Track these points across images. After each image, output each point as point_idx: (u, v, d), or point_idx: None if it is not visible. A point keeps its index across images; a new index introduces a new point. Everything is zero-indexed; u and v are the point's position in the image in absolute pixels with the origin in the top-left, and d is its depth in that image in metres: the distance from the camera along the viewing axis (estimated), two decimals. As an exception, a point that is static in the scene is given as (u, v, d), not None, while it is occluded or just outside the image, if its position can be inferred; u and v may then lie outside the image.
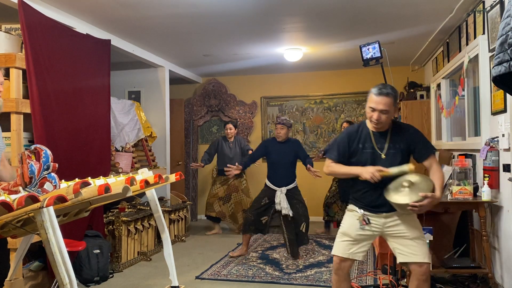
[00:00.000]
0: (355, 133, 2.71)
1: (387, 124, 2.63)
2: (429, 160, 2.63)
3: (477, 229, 3.79)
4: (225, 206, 6.13)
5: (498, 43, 1.68)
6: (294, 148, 4.78)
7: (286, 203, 4.61)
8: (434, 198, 2.45)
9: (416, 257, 2.55)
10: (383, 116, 2.56)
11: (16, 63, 3.31)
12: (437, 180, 2.54)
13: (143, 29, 4.68)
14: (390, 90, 2.58)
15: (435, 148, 2.70)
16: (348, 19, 4.45)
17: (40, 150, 1.92)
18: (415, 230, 2.61)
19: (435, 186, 2.50)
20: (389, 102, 2.55)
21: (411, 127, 2.75)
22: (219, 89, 7.55)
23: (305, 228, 4.63)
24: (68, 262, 1.74)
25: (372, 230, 2.66)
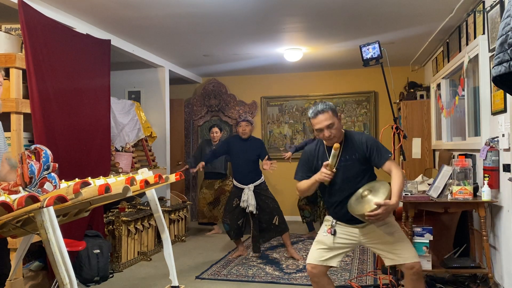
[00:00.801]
0: (313, 152, 2.81)
1: (340, 136, 2.70)
2: (386, 165, 2.65)
3: (477, 229, 3.79)
4: (215, 210, 6.12)
5: (498, 43, 1.68)
6: (257, 146, 4.85)
7: (253, 200, 4.65)
8: (388, 205, 2.44)
9: (403, 258, 2.57)
10: (332, 130, 2.64)
11: (16, 63, 3.31)
12: (394, 186, 2.54)
13: (143, 29, 4.68)
14: (323, 106, 2.67)
15: (390, 152, 2.70)
16: (348, 19, 4.45)
17: (40, 150, 1.92)
18: (393, 234, 2.62)
19: (392, 191, 2.50)
20: (329, 116, 2.63)
21: (363, 135, 2.79)
22: (219, 89, 7.55)
23: (278, 220, 4.68)
24: (68, 262, 1.74)
25: (349, 239, 2.71)
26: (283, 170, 7.05)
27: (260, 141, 5.03)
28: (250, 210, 4.65)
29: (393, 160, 2.67)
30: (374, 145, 2.68)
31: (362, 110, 7.10)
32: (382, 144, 2.72)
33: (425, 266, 3.57)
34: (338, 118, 2.69)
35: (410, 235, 3.58)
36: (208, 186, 6.18)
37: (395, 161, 2.64)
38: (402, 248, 2.59)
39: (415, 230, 3.59)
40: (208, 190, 6.16)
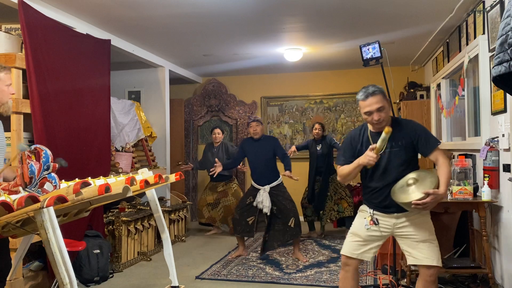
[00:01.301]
0: (358, 136, 2.73)
1: (386, 122, 2.61)
2: (434, 154, 2.57)
3: (477, 229, 3.79)
4: (214, 211, 6.10)
5: (498, 43, 1.68)
6: (270, 145, 4.79)
7: (268, 202, 4.61)
8: (437, 195, 2.39)
9: (424, 260, 2.52)
10: (382, 113, 2.56)
11: (16, 63, 3.31)
12: (442, 175, 2.47)
13: (143, 29, 4.68)
14: (374, 88, 2.60)
15: (438, 141, 2.62)
16: (348, 19, 4.45)
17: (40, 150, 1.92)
18: (425, 232, 2.56)
19: (440, 181, 2.44)
20: (379, 98, 2.57)
21: (411, 122, 2.71)
22: (219, 89, 7.55)
23: (294, 222, 4.60)
24: (68, 262, 1.74)
25: (381, 230, 2.65)
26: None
27: (273, 139, 4.97)
28: (264, 211, 4.62)
29: (440, 150, 2.59)
30: (423, 132, 2.61)
31: (362, 110, 7.09)
32: (431, 133, 2.65)
33: (425, 266, 3.57)
34: (388, 102, 2.62)
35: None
36: (211, 188, 6.17)
37: (442, 151, 2.58)
38: (427, 248, 2.53)
39: (415, 230, 3.59)
40: (211, 192, 6.15)
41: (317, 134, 5.77)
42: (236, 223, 4.81)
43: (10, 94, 2.48)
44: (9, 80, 2.47)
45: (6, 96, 2.46)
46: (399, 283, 3.59)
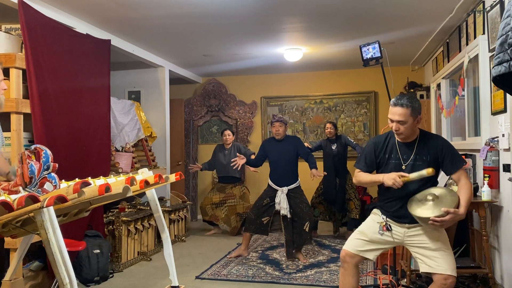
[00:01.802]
0: (382, 144, 2.72)
1: (412, 135, 2.61)
2: (457, 174, 2.54)
3: (477, 229, 3.80)
4: (217, 209, 6.10)
5: (498, 43, 1.68)
6: (293, 146, 4.72)
7: (286, 204, 4.58)
8: (456, 215, 2.40)
9: (438, 268, 2.51)
10: (401, 126, 2.55)
11: (16, 63, 3.31)
12: (463, 196, 2.46)
13: (143, 29, 4.68)
14: (405, 101, 2.55)
15: (464, 161, 2.59)
16: (348, 19, 4.45)
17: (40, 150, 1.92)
18: (438, 242, 2.55)
19: (460, 201, 2.44)
20: (405, 113, 2.53)
21: (440, 138, 2.68)
22: (219, 89, 7.55)
23: (308, 227, 4.59)
24: (68, 262, 1.74)
25: (393, 237, 2.66)
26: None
27: (296, 138, 4.89)
28: (283, 213, 4.59)
29: (464, 170, 2.56)
30: (450, 151, 2.57)
31: (362, 110, 7.10)
32: (457, 151, 2.61)
33: (425, 266, 3.57)
34: (416, 119, 2.57)
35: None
36: (220, 189, 6.17)
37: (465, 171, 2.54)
38: (442, 257, 2.52)
39: (415, 230, 3.59)
40: (218, 192, 6.15)
41: (330, 133, 5.76)
42: (251, 222, 4.76)
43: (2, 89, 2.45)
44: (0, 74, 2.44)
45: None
46: (399, 283, 3.59)
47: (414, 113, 2.55)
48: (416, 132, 2.63)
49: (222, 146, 6.21)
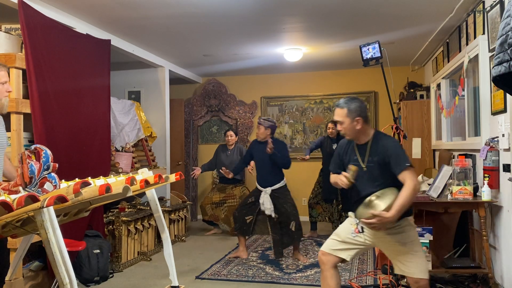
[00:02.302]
0: (345, 146, 2.81)
1: (363, 136, 2.67)
2: (402, 175, 2.50)
3: (477, 229, 3.80)
4: (217, 209, 6.10)
5: (498, 43, 1.68)
6: (279, 148, 4.69)
7: (270, 204, 4.59)
8: (382, 217, 2.37)
9: (408, 272, 2.55)
10: (340, 126, 2.67)
11: (16, 63, 3.31)
12: (399, 199, 2.41)
13: (143, 29, 4.68)
14: (342, 102, 2.67)
15: (408, 162, 2.53)
16: (348, 19, 4.45)
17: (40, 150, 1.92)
18: (406, 244, 2.56)
19: (394, 204, 2.40)
20: (341, 113, 2.64)
21: (389, 139, 2.67)
22: (219, 89, 7.55)
23: (295, 226, 4.59)
24: (68, 262, 1.74)
25: (365, 238, 2.69)
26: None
27: (280, 142, 4.81)
28: (268, 214, 4.61)
29: (411, 171, 2.50)
30: (395, 151, 2.57)
31: (362, 110, 7.09)
32: (404, 152, 2.60)
33: (425, 266, 3.57)
34: (354, 120, 2.61)
35: (410, 235, 3.58)
36: (220, 189, 6.17)
37: (413, 173, 2.51)
38: (411, 261, 2.53)
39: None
40: (218, 192, 6.15)
41: (332, 134, 5.75)
42: (235, 220, 4.86)
43: (6, 92, 2.46)
44: (3, 77, 2.45)
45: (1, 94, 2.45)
46: (399, 283, 3.59)
47: (351, 114, 2.62)
48: (368, 134, 2.68)
49: (225, 146, 6.21)
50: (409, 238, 2.58)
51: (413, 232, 2.62)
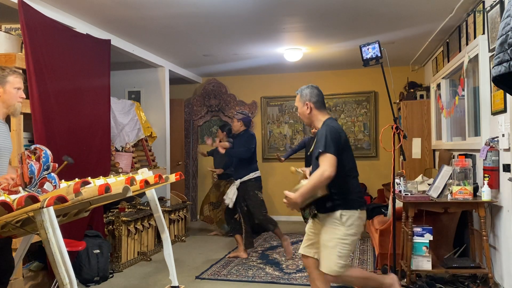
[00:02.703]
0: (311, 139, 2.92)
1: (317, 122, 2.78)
2: (319, 160, 2.59)
3: (477, 229, 3.79)
4: (213, 212, 6.10)
5: (498, 43, 1.68)
6: (242, 141, 4.80)
7: (232, 194, 4.75)
8: (289, 199, 2.55)
9: (319, 263, 2.69)
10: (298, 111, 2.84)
11: (16, 63, 3.31)
12: (307, 183, 2.57)
13: (143, 29, 4.68)
14: (299, 89, 2.86)
15: (324, 149, 2.56)
16: (348, 19, 4.45)
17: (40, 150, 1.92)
18: (324, 236, 2.66)
19: (302, 188, 2.56)
20: (296, 99, 2.85)
21: (324, 126, 2.71)
22: (219, 89, 7.55)
23: (258, 219, 4.72)
24: (68, 262, 1.74)
25: (315, 226, 2.80)
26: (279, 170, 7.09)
27: (246, 135, 4.83)
28: (226, 202, 4.80)
29: (324, 158, 2.54)
30: (320, 137, 2.63)
31: (362, 110, 7.10)
32: (328, 140, 2.58)
33: (425, 266, 3.58)
34: (305, 104, 2.76)
35: (410, 235, 3.59)
36: (216, 186, 6.18)
37: (327, 160, 2.53)
38: (323, 252, 2.66)
39: (415, 230, 3.60)
40: (215, 190, 6.15)
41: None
42: (227, 222, 5.04)
43: (20, 97, 2.57)
44: (18, 83, 2.56)
45: (13, 99, 2.55)
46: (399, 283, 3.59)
47: (303, 98, 2.80)
48: (320, 121, 2.77)
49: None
50: (332, 232, 2.64)
51: (339, 229, 2.62)
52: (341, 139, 2.64)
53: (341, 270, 2.60)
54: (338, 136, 2.62)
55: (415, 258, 3.59)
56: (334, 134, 2.60)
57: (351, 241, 2.63)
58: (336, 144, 2.57)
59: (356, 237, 2.68)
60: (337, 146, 2.57)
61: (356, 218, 2.64)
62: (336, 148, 2.56)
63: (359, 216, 2.65)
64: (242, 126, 4.87)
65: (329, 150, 2.54)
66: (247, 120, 4.89)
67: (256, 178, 4.78)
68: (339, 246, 2.60)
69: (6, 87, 2.51)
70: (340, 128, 2.72)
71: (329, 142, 2.56)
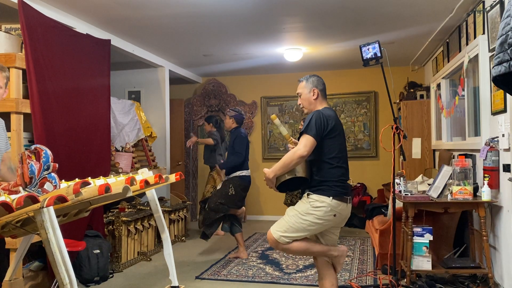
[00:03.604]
0: None
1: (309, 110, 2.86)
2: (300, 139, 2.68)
3: (477, 229, 3.79)
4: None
5: (498, 43, 1.68)
6: (231, 143, 4.75)
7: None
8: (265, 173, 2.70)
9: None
10: (299, 100, 2.93)
11: (16, 63, 3.31)
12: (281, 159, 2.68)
13: (143, 29, 4.68)
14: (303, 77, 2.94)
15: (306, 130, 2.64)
16: (348, 19, 4.45)
17: (40, 150, 1.92)
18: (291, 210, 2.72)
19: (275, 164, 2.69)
20: (301, 85, 2.91)
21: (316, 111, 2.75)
22: (219, 89, 7.55)
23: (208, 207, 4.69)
24: (68, 262, 1.74)
25: None
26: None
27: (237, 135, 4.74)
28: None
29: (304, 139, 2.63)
30: (305, 122, 2.70)
31: (362, 110, 7.11)
32: (312, 123, 2.65)
33: (425, 266, 3.58)
34: (312, 90, 2.84)
35: (410, 235, 3.59)
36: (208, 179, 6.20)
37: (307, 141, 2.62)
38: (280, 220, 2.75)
39: (415, 230, 3.60)
40: (208, 184, 6.14)
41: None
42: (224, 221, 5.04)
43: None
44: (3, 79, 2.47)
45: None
46: (399, 283, 3.59)
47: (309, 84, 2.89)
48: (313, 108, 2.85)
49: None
50: (297, 206, 2.72)
51: (303, 205, 2.68)
52: (327, 125, 2.66)
53: (282, 241, 2.66)
54: (325, 122, 2.66)
55: (415, 258, 3.59)
56: (320, 119, 2.66)
57: (311, 223, 2.63)
58: (318, 128, 2.63)
59: (320, 224, 2.65)
60: (320, 131, 2.63)
61: (326, 204, 2.62)
62: (317, 132, 2.61)
63: (330, 203, 2.62)
64: (234, 123, 4.83)
65: (309, 132, 2.61)
66: (239, 118, 4.85)
67: (241, 177, 4.70)
68: (295, 218, 2.65)
69: None
70: (332, 116, 2.73)
71: (312, 125, 2.63)
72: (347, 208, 2.72)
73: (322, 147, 2.67)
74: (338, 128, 2.74)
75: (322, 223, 2.65)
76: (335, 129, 2.70)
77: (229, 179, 4.71)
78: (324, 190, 2.64)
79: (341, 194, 2.66)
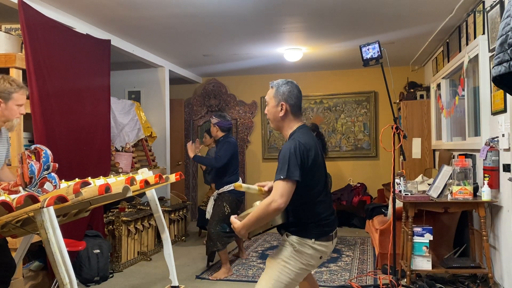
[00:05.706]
0: None
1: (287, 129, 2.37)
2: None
3: (477, 229, 3.80)
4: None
5: (498, 43, 1.68)
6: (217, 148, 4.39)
7: (210, 207, 4.36)
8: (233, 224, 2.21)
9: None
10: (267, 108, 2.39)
11: (16, 63, 3.31)
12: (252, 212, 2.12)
13: (143, 29, 4.68)
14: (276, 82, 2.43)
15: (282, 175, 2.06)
16: (348, 19, 4.45)
17: (40, 150, 1.92)
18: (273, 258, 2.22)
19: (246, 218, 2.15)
20: (269, 93, 2.40)
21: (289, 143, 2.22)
22: (219, 89, 7.55)
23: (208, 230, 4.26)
24: (68, 262, 1.74)
25: None
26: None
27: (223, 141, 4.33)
28: (207, 217, 4.43)
29: (279, 186, 2.06)
30: (281, 158, 2.15)
31: (362, 110, 7.10)
32: (288, 162, 2.09)
33: (425, 266, 3.58)
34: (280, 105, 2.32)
35: (410, 235, 3.59)
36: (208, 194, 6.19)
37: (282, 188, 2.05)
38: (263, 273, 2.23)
39: (415, 230, 3.60)
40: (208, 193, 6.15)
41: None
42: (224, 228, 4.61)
43: (19, 113, 2.50)
44: (21, 100, 2.48)
45: (13, 115, 2.48)
46: (399, 283, 3.59)
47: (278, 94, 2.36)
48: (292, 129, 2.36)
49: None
50: (278, 253, 2.23)
51: (286, 249, 2.20)
52: (308, 161, 2.15)
53: None
54: (305, 157, 2.14)
55: (415, 258, 3.59)
56: (298, 154, 2.12)
57: (295, 268, 2.18)
58: (297, 167, 2.08)
59: (306, 270, 2.23)
60: (300, 171, 2.09)
61: (307, 247, 2.17)
62: (294, 173, 2.07)
63: (311, 245, 2.18)
64: (219, 132, 4.36)
65: (285, 176, 2.06)
66: (223, 125, 4.36)
67: (231, 191, 4.24)
68: (279, 268, 2.17)
69: (9, 103, 2.42)
70: (310, 144, 2.22)
71: (288, 165, 2.08)
72: (333, 245, 2.32)
73: (301, 185, 2.12)
74: (318, 156, 2.24)
75: (306, 269, 2.24)
76: (315, 160, 2.19)
77: (220, 196, 4.29)
78: (307, 231, 2.18)
79: (326, 233, 2.23)
